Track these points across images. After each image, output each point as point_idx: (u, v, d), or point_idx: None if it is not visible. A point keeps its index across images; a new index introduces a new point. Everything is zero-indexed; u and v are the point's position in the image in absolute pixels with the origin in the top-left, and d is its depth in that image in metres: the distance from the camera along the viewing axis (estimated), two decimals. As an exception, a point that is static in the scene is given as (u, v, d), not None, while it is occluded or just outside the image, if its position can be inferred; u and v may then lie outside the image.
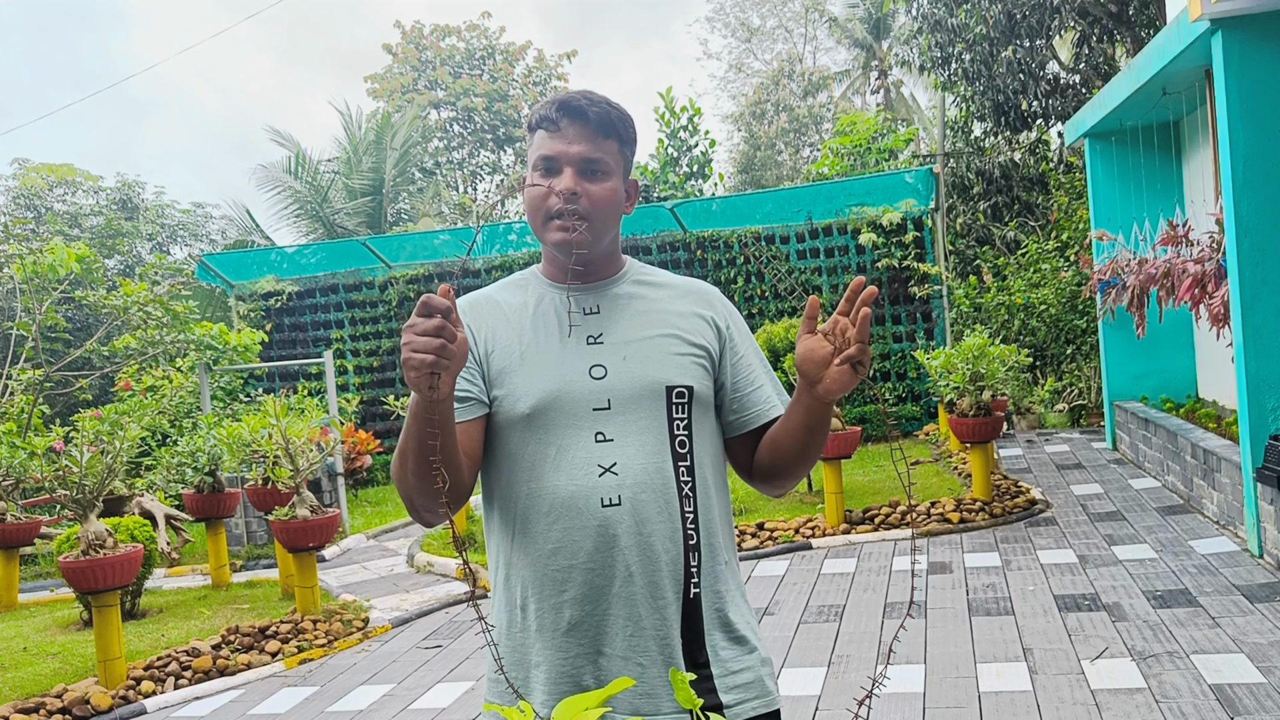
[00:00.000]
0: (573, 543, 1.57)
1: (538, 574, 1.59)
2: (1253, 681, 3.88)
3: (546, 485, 1.58)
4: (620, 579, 1.57)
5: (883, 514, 7.17)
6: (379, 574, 7.50)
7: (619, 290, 1.70)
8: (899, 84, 27.21)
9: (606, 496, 1.56)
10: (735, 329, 1.74)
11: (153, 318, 9.20)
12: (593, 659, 1.58)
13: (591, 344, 1.63)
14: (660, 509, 1.58)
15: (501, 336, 1.66)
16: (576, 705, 1.16)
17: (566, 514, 1.57)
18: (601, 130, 1.61)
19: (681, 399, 1.62)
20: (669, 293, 1.72)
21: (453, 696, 4.68)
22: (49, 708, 4.69)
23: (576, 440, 1.58)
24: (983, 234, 14.11)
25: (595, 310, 1.67)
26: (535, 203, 1.62)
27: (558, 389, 1.59)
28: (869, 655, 4.62)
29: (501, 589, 1.66)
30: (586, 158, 1.60)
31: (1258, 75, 5.50)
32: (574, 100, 1.61)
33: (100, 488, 5.31)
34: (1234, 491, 5.97)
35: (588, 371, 1.61)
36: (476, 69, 26.01)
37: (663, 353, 1.63)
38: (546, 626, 1.59)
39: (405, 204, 22.46)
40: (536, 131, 1.63)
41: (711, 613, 1.63)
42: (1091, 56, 13.45)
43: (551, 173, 1.60)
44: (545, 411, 1.59)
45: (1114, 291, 8.25)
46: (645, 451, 1.59)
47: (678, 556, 1.58)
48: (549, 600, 1.59)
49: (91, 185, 20.26)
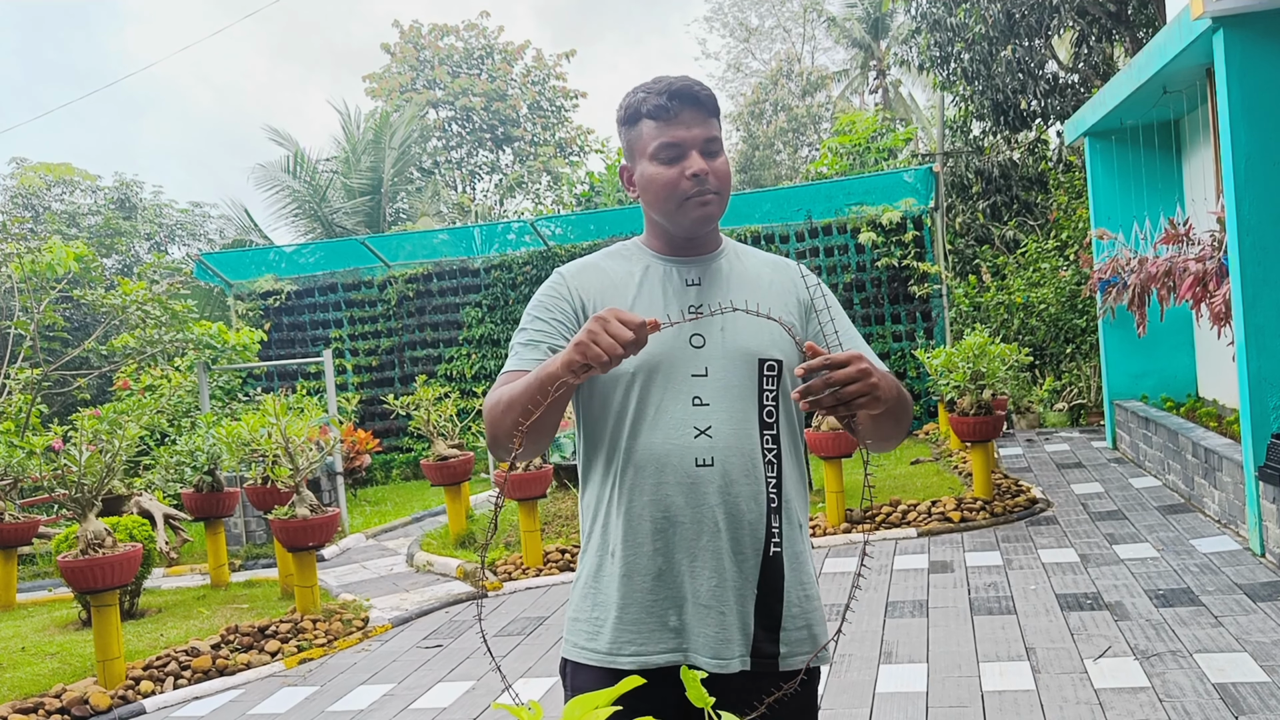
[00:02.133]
0: (666, 497, 1.70)
1: (632, 523, 1.72)
2: (1257, 680, 3.87)
3: (644, 441, 1.71)
4: (708, 533, 1.70)
5: (883, 513, 7.15)
6: (378, 573, 7.48)
7: (719, 265, 1.81)
8: (897, 84, 27.20)
9: (700, 457, 1.69)
10: (820, 301, 1.84)
11: (151, 317, 9.18)
12: (678, 604, 1.71)
13: (693, 314, 1.74)
14: (747, 472, 1.71)
15: (607, 300, 1.77)
16: (586, 704, 1.15)
17: (662, 469, 1.70)
18: (712, 110, 1.75)
19: (772, 371, 1.74)
20: (762, 270, 1.84)
21: (453, 696, 4.66)
22: (48, 708, 4.67)
23: (675, 402, 1.71)
24: (982, 233, 14.10)
25: (697, 282, 1.79)
26: (667, 188, 1.72)
27: (660, 353, 1.71)
28: (870, 654, 4.60)
29: (595, 535, 1.78)
30: (707, 138, 1.72)
31: (1259, 73, 5.49)
32: (684, 86, 1.72)
33: (99, 487, 5.29)
34: (1235, 490, 5.96)
35: (688, 340, 1.73)
36: (475, 68, 25.97)
37: (757, 326, 1.75)
38: (636, 571, 1.72)
39: (404, 203, 22.43)
40: (642, 122, 1.73)
41: (790, 571, 1.75)
42: (1090, 56, 13.44)
43: (677, 159, 1.71)
44: (648, 373, 1.71)
45: (1114, 290, 8.24)
46: (737, 418, 1.71)
47: (760, 517, 1.72)
48: (643, 547, 1.71)
49: (89, 184, 20.22)
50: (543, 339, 1.76)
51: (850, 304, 11.41)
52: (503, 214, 23.57)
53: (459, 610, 6.23)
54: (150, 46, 61.86)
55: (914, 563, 6.14)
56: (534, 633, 5.53)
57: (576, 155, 25.82)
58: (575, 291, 1.79)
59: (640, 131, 1.74)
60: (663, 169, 1.72)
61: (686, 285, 1.78)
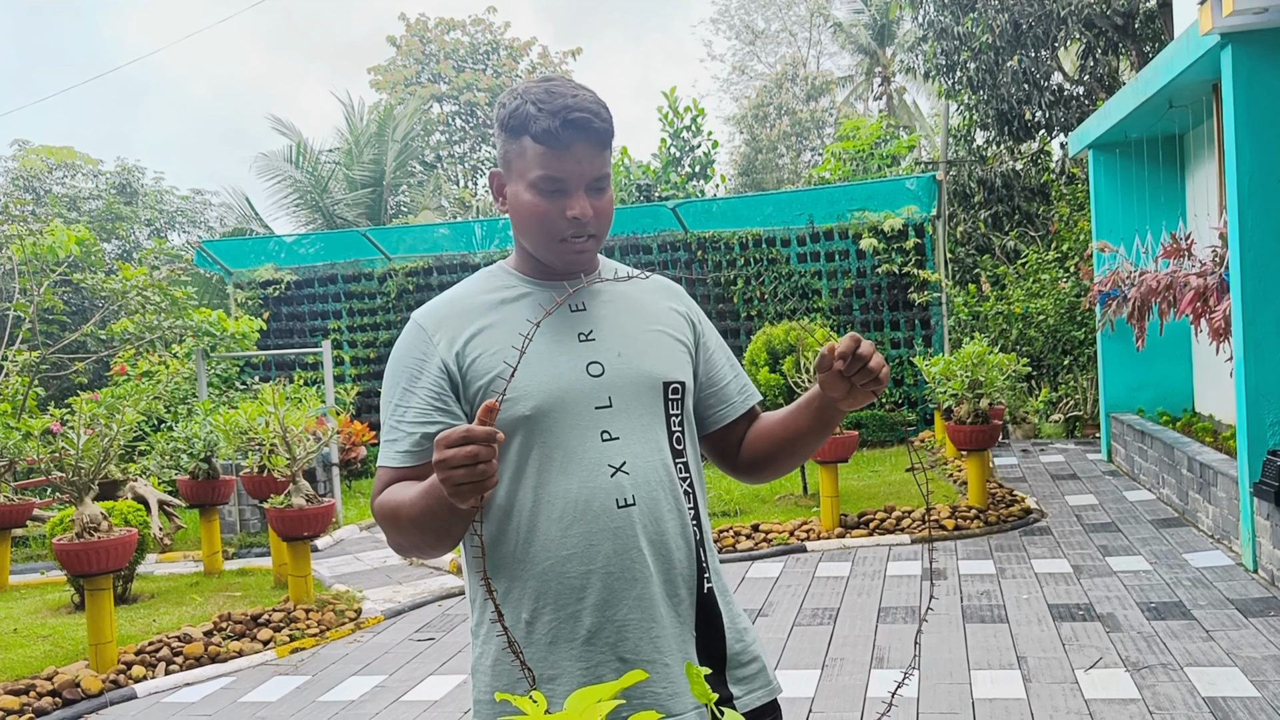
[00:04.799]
0: (590, 547, 1.51)
1: (551, 583, 1.52)
2: (1246, 695, 3.88)
3: (556, 490, 1.52)
4: (640, 581, 1.53)
5: (878, 519, 7.17)
6: (372, 565, 7.48)
7: (599, 285, 1.66)
8: (902, 90, 27.23)
9: (621, 497, 1.52)
10: (703, 323, 1.75)
11: (151, 302, 9.17)
12: (615, 665, 1.53)
13: (584, 341, 1.58)
14: (670, 506, 1.56)
15: (485, 340, 1.56)
16: (590, 696, 1.16)
17: (582, 518, 1.51)
18: (605, 143, 1.55)
19: (676, 394, 1.62)
20: (644, 288, 1.70)
21: (445, 689, 4.67)
22: (39, 690, 4.67)
23: (583, 441, 1.53)
24: (983, 242, 14.13)
25: (581, 307, 1.61)
26: (541, 224, 1.54)
27: (559, 388, 1.53)
28: (863, 659, 4.61)
29: (502, 608, 1.57)
30: (595, 176, 1.54)
31: (1266, 90, 5.51)
32: (581, 117, 1.51)
33: (96, 471, 5.29)
34: (1229, 505, 5.98)
35: (585, 369, 1.56)
36: (480, 64, 25.98)
37: (655, 348, 1.62)
38: (563, 637, 1.53)
39: (405, 196, 22.43)
40: (525, 139, 1.52)
41: (724, 606, 1.63)
42: (1096, 69, 13.48)
43: (559, 194, 1.53)
44: (548, 413, 1.52)
45: (1114, 303, 8.26)
46: (650, 448, 1.56)
47: (690, 553, 1.58)
48: (566, 609, 1.52)
49: (91, 169, 20.19)
50: (411, 427, 1.54)
51: (850, 309, 11.43)
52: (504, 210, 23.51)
53: (452, 604, 6.23)
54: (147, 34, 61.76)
55: (907, 569, 6.15)
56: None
57: (579, 153, 25.77)
58: (441, 344, 1.57)
59: (522, 149, 1.53)
60: (540, 201, 1.53)
61: (571, 311, 1.60)
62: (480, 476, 1.29)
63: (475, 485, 1.29)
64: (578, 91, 1.53)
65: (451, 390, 1.56)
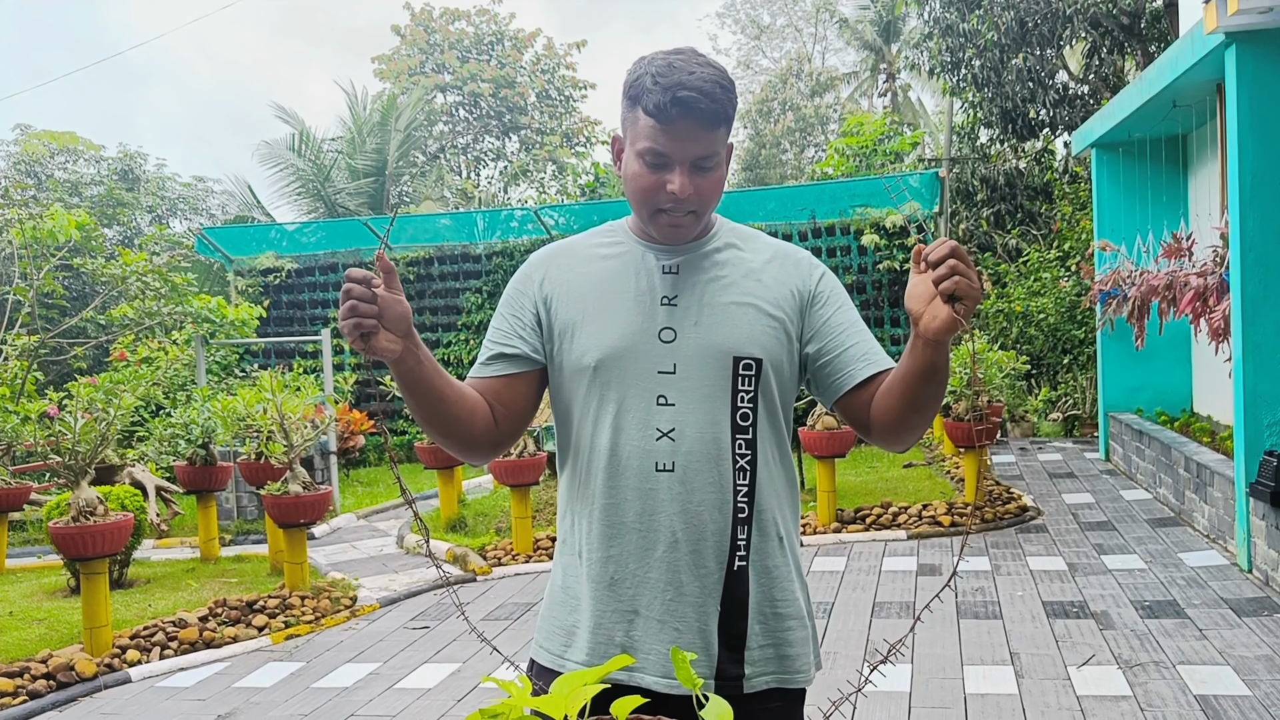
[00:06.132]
0: (623, 501, 1.59)
1: (592, 526, 1.62)
2: (1238, 694, 3.88)
3: (605, 441, 1.60)
4: (665, 544, 1.58)
5: (874, 514, 7.17)
6: (368, 554, 7.49)
7: (703, 251, 1.66)
8: (906, 88, 27.16)
9: (661, 461, 1.57)
10: (824, 291, 1.69)
11: (151, 288, 9.17)
12: (628, 617, 1.60)
13: (665, 305, 1.61)
14: (712, 479, 1.58)
15: (575, 288, 1.66)
16: (575, 680, 1.16)
17: (620, 472, 1.59)
18: (715, 123, 1.55)
19: (749, 370, 1.60)
20: (756, 257, 1.68)
21: (438, 678, 4.67)
22: (34, 673, 4.68)
23: (638, 400, 1.59)
24: (985, 240, 14.11)
25: (674, 270, 1.64)
26: (643, 193, 1.58)
27: (624, 346, 1.59)
28: (856, 653, 4.62)
29: (567, 535, 1.69)
30: (701, 155, 1.56)
31: (1270, 90, 5.50)
32: (688, 94, 1.51)
33: (93, 455, 5.30)
34: (1225, 506, 5.98)
35: (657, 334, 1.60)
36: (485, 54, 25.92)
37: (736, 321, 1.61)
38: (594, 576, 1.62)
39: (407, 186, 22.41)
40: (639, 109, 1.55)
41: (758, 587, 1.62)
42: (1101, 68, 13.45)
43: (662, 168, 1.56)
44: (610, 367, 1.59)
45: (1115, 302, 8.25)
46: (705, 420, 1.58)
47: (724, 528, 1.59)
48: (598, 552, 1.61)
49: (93, 154, 20.17)
50: (494, 345, 1.69)
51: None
52: (506, 201, 23.55)
53: (446, 593, 6.24)
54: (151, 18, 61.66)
55: (903, 565, 6.15)
56: (521, 618, 5.54)
57: (582, 146, 25.77)
58: (540, 282, 1.68)
59: (636, 118, 1.56)
60: (645, 171, 1.57)
61: (664, 272, 1.64)
62: (351, 312, 1.42)
63: (356, 326, 1.42)
64: (696, 69, 1.53)
65: (538, 325, 1.67)
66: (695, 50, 1.59)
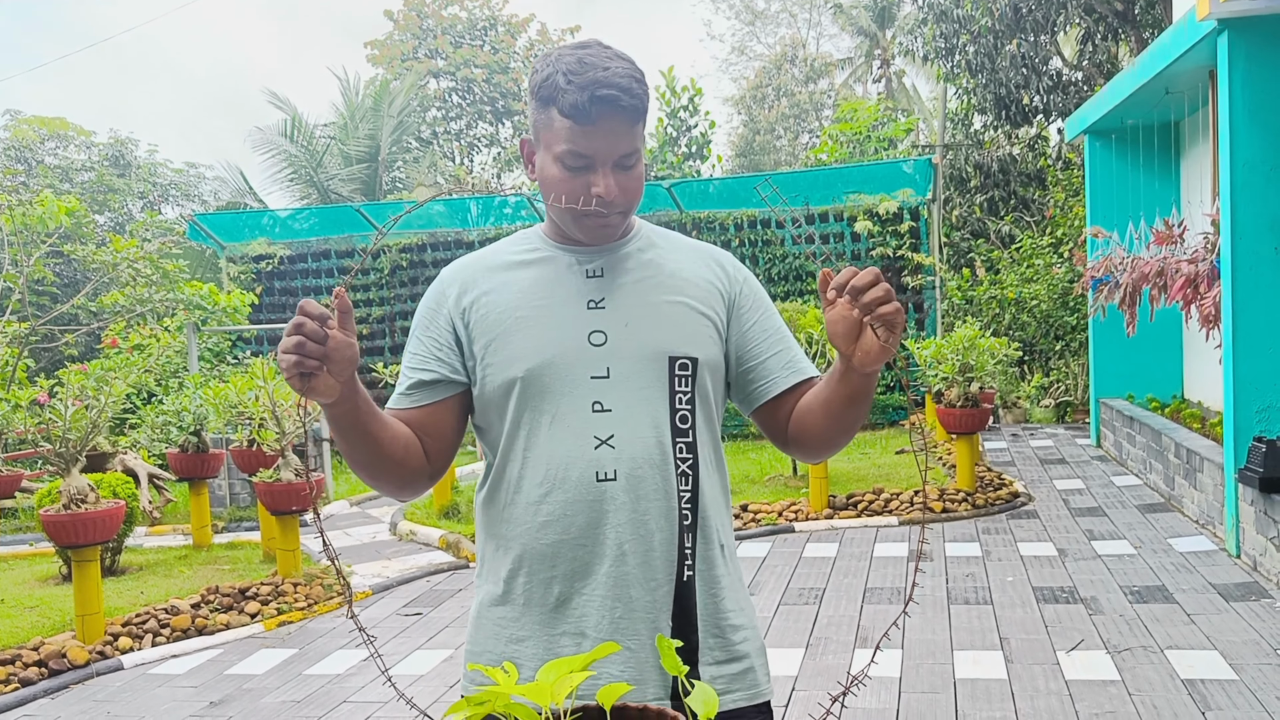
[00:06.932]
0: (564, 516, 1.50)
1: (528, 546, 1.53)
2: (1225, 678, 3.91)
3: (540, 454, 1.51)
4: (611, 558, 1.50)
5: (866, 500, 7.19)
6: (361, 540, 7.49)
7: (625, 252, 1.60)
8: (901, 74, 27.12)
9: (602, 470, 1.50)
10: (748, 294, 1.65)
11: (142, 275, 9.14)
12: (576, 640, 1.52)
13: (593, 309, 1.54)
14: (657, 486, 1.51)
15: (494, 300, 1.57)
16: (561, 667, 1.16)
17: (559, 486, 1.50)
18: (635, 119, 1.49)
19: (685, 370, 1.54)
20: (679, 256, 1.63)
21: (431, 664, 4.69)
22: (25, 660, 4.68)
23: (572, 409, 1.51)
24: (978, 227, 14.12)
25: (599, 273, 1.57)
26: (568, 198, 1.50)
27: (553, 354, 1.52)
28: (847, 639, 4.64)
29: (489, 560, 1.59)
30: (623, 153, 1.49)
31: (1262, 77, 5.50)
32: (609, 92, 1.44)
33: (84, 442, 5.29)
34: (1215, 492, 6.01)
35: (587, 338, 1.52)
36: (478, 40, 25.82)
37: (668, 320, 1.55)
38: (535, 601, 1.54)
39: (400, 172, 22.33)
40: (553, 110, 1.47)
41: (705, 598, 1.56)
42: (1095, 54, 13.44)
43: (584, 170, 1.49)
44: (540, 377, 1.51)
45: (1106, 289, 8.26)
46: (644, 424, 1.51)
47: (672, 537, 1.51)
48: (539, 575, 1.53)
49: (84, 140, 20.07)
50: (411, 373, 1.59)
51: (843, 292, 11.41)
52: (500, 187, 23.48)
53: (440, 579, 6.25)
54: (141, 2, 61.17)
55: (894, 550, 6.18)
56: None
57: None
58: (455, 298, 1.59)
59: (550, 120, 1.48)
60: (566, 176, 1.49)
61: (588, 276, 1.56)
62: (297, 350, 1.32)
63: (298, 365, 1.32)
64: (610, 64, 1.46)
65: (456, 344, 1.58)
66: (601, 42, 1.52)
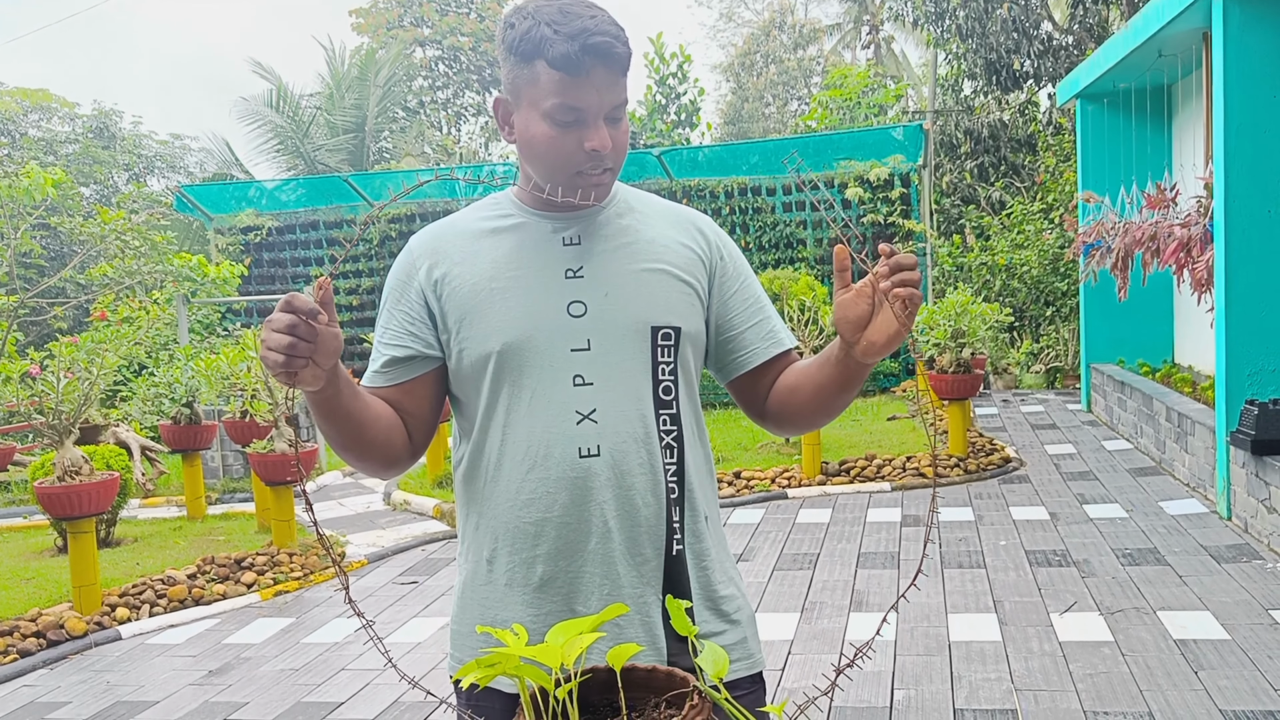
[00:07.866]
0: (547, 494, 1.45)
1: (509, 525, 1.48)
2: (1217, 638, 3.96)
3: (520, 431, 1.46)
4: (597, 535, 1.46)
5: (859, 466, 7.22)
6: (355, 510, 7.50)
7: (603, 218, 1.53)
8: (890, 39, 26.96)
9: (585, 446, 1.44)
10: (728, 261, 1.59)
11: (130, 247, 9.07)
12: (566, 616, 1.47)
13: (571, 278, 1.48)
14: (642, 460, 1.46)
15: (467, 270, 1.50)
16: (571, 629, 1.16)
17: (541, 463, 1.45)
18: (625, 68, 1.43)
19: (668, 340, 1.49)
20: (657, 221, 1.57)
21: (428, 632, 4.71)
22: (23, 631, 4.69)
23: (553, 383, 1.45)
24: (968, 193, 14.10)
25: (575, 241, 1.50)
26: (557, 157, 1.43)
27: (531, 326, 1.46)
28: (841, 603, 4.67)
29: (470, 539, 1.55)
30: (615, 104, 1.43)
31: (1256, 39, 5.48)
32: (600, 39, 1.38)
33: (76, 414, 5.27)
34: (1206, 455, 6.05)
35: (565, 309, 1.46)
36: (464, 7, 25.55)
37: (650, 289, 1.49)
38: (517, 581, 1.49)
39: (387, 142, 22.17)
40: (539, 63, 1.39)
41: (695, 571, 1.53)
42: (1086, 18, 13.36)
43: (576, 124, 1.41)
44: (517, 350, 1.45)
45: (1098, 254, 8.27)
46: (627, 397, 1.46)
47: (659, 512, 1.48)
48: (521, 554, 1.48)
49: (67, 111, 19.84)
50: (384, 349, 1.53)
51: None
52: (487, 157, 23.33)
53: (435, 548, 6.27)
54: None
55: (887, 516, 6.21)
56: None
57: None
58: (426, 269, 1.52)
59: (535, 75, 1.40)
60: (556, 133, 1.41)
61: (564, 245, 1.49)
62: (289, 350, 1.27)
63: (286, 360, 1.27)
64: (595, 12, 1.40)
65: (429, 318, 1.52)
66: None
